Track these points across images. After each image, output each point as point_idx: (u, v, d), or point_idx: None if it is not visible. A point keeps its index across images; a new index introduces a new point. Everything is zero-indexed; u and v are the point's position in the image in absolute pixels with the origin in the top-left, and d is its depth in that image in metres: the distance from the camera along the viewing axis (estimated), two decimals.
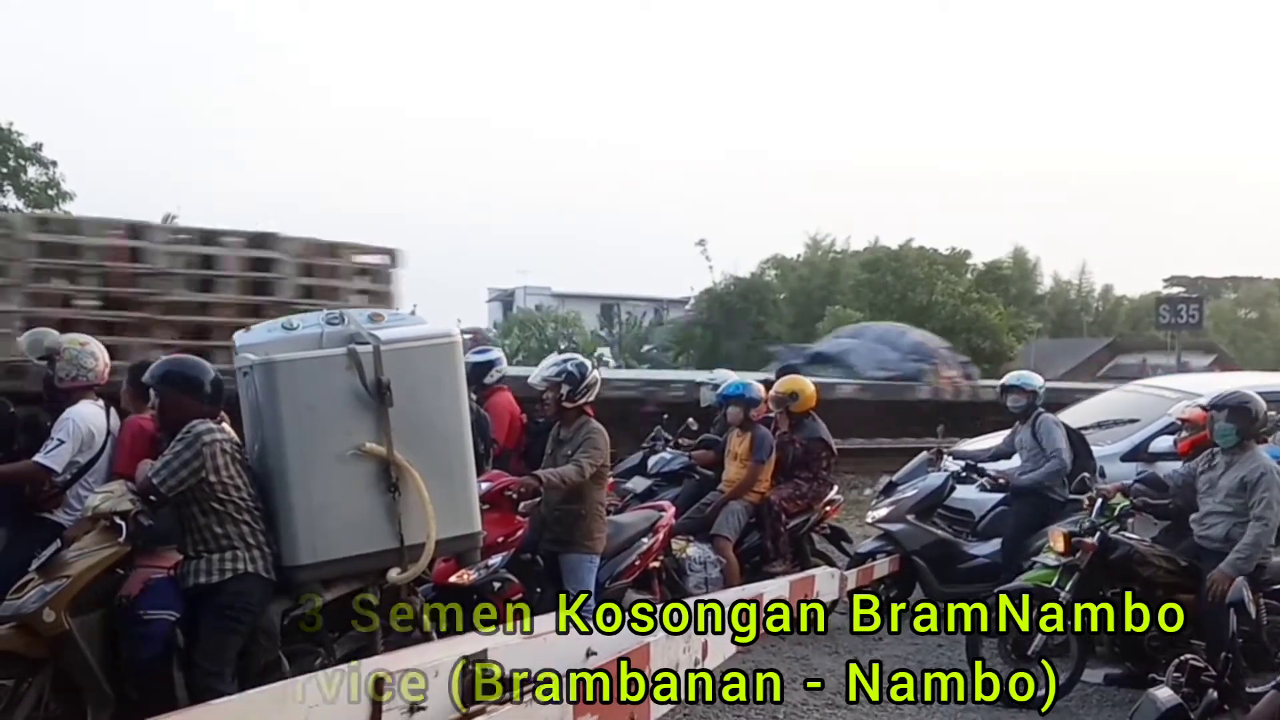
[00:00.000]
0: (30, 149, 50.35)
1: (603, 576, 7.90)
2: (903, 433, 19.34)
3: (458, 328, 6.90)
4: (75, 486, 6.68)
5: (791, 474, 9.74)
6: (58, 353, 6.98)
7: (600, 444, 7.66)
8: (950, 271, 42.57)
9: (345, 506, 6.05)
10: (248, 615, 5.80)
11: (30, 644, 5.60)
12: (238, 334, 6.62)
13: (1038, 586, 7.88)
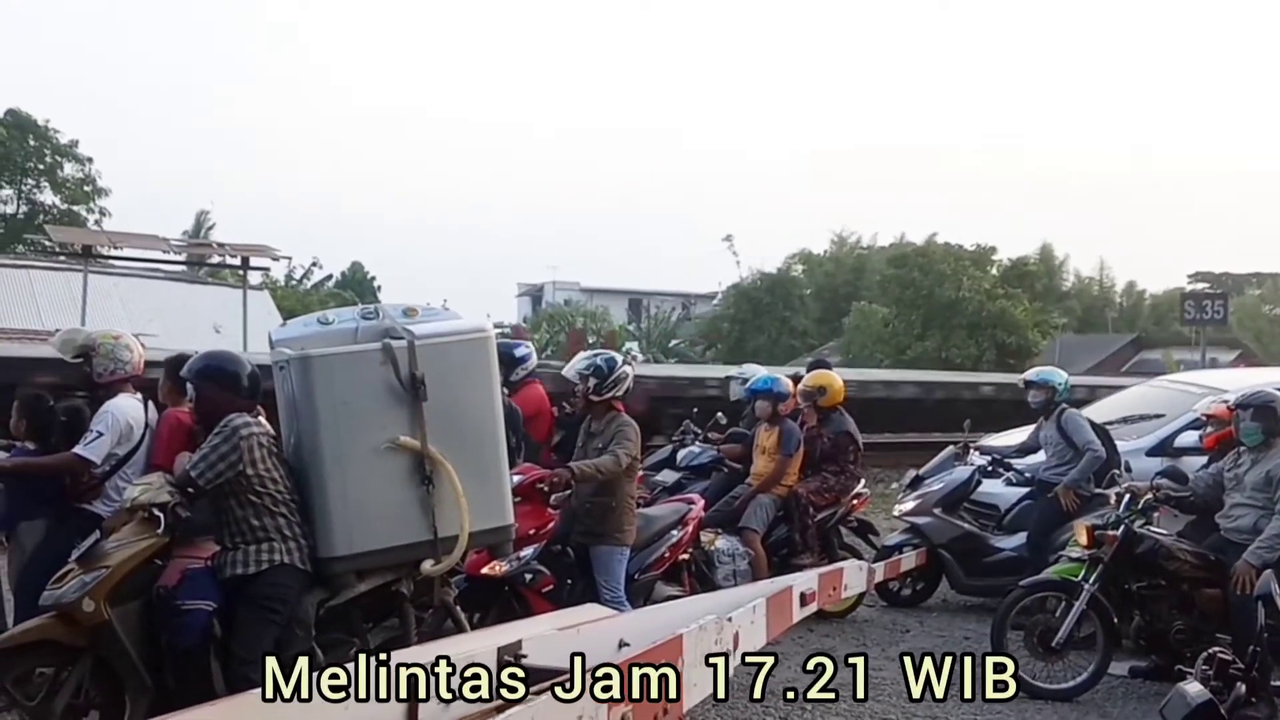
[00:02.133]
0: (66, 146, 50.72)
1: (633, 568, 7.92)
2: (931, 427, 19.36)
3: (489, 322, 6.92)
4: (114, 478, 6.74)
5: (819, 467, 9.78)
6: (93, 349, 7.04)
7: (632, 437, 7.68)
8: (975, 267, 42.38)
9: (380, 499, 6.09)
10: (284, 606, 5.86)
11: (70, 633, 5.67)
12: (273, 329, 6.69)
13: (1062, 579, 7.92)
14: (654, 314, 59.36)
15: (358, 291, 57.01)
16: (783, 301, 50.78)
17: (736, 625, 5.85)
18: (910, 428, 20.27)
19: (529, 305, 70.56)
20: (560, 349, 40.82)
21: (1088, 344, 53.34)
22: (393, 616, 6.53)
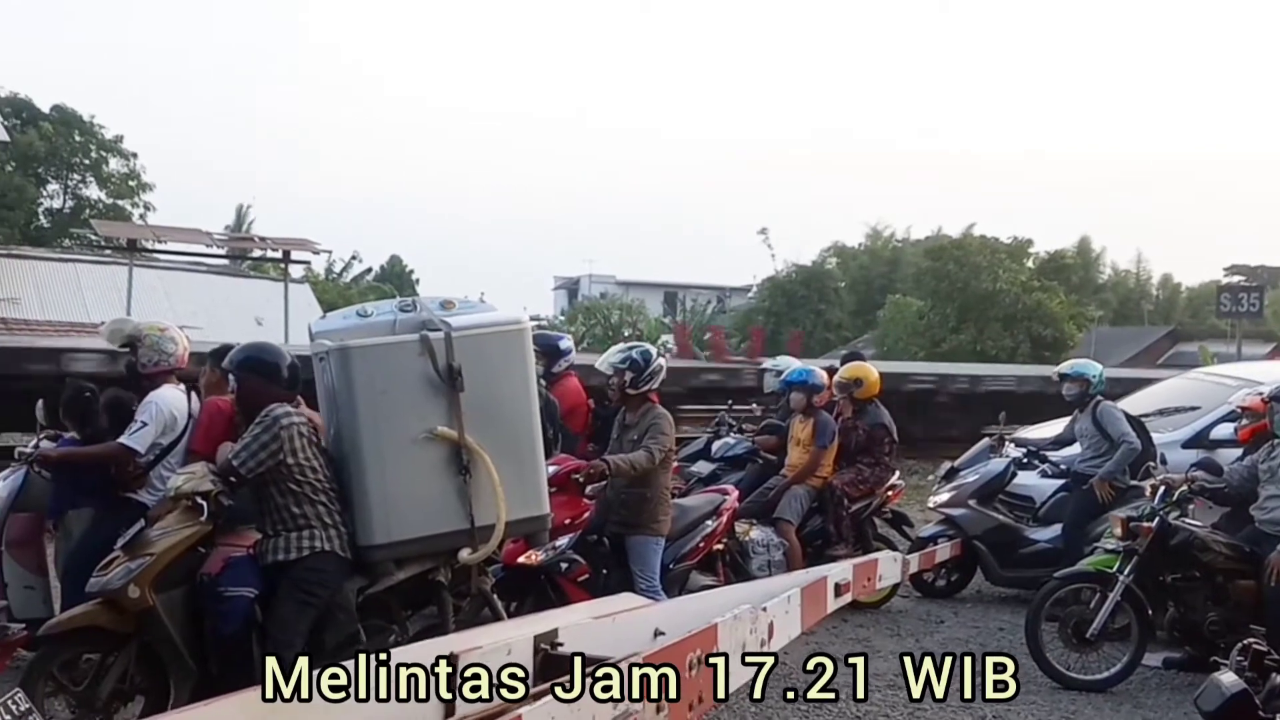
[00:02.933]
0: (111, 141, 51.11)
1: (667, 558, 7.97)
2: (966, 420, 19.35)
3: (525, 315, 6.98)
4: (158, 467, 6.83)
5: (854, 459, 9.80)
6: (139, 340, 7.13)
7: (666, 429, 7.71)
8: (1011, 260, 42.16)
9: (418, 488, 6.15)
10: (322, 590, 5.94)
11: (116, 619, 5.77)
12: (313, 321, 6.76)
13: (1097, 571, 7.93)
14: (689, 307, 59.33)
15: (397, 284, 57.20)
16: (817, 294, 50.66)
17: (771, 615, 5.88)
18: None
19: (565, 298, 70.70)
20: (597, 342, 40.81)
21: (1123, 336, 53.06)
22: (431, 604, 6.61)
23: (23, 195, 48.44)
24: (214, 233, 35.40)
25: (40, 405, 7.58)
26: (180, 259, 37.07)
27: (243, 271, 44.73)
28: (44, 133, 48.65)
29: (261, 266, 45.39)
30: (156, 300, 30.26)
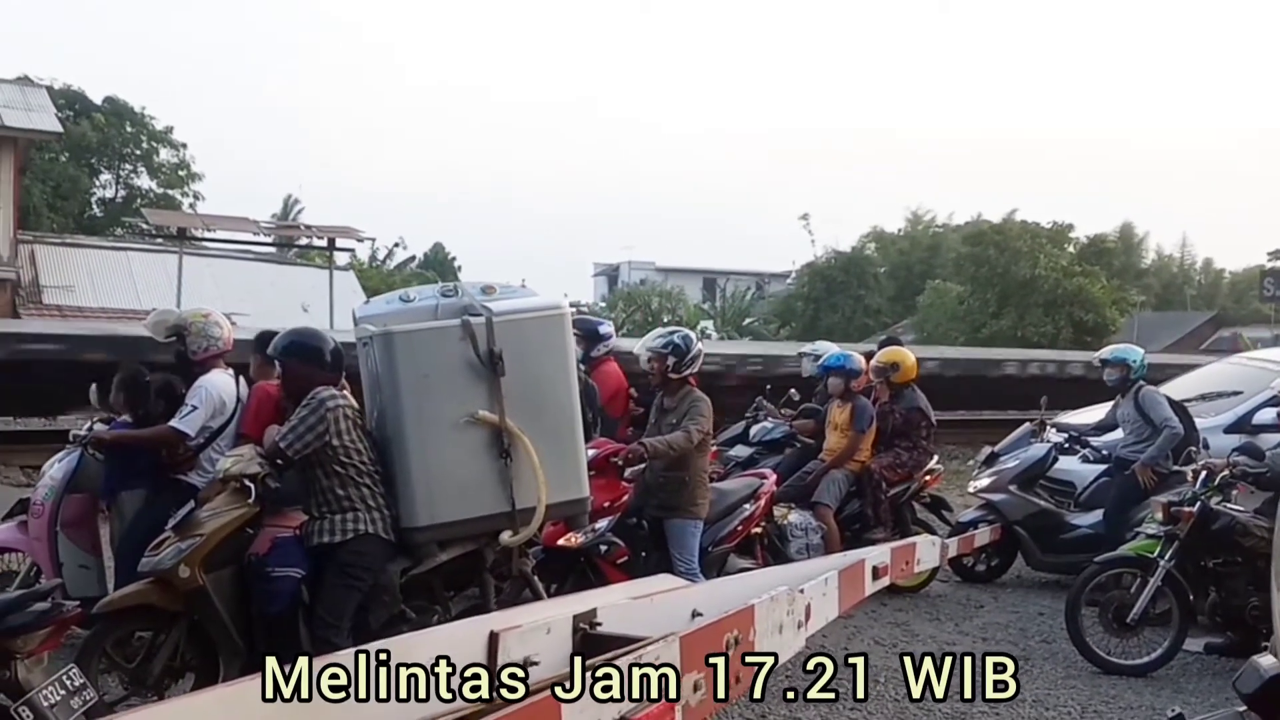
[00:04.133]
0: (162, 132, 51.62)
1: (706, 541, 8.01)
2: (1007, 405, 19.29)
3: (565, 300, 7.03)
4: (207, 450, 6.94)
5: (891, 443, 9.81)
6: (185, 328, 7.24)
7: (705, 412, 7.76)
8: (1052, 245, 41.86)
9: (460, 472, 6.23)
10: (367, 573, 6.04)
11: (167, 598, 5.92)
12: (357, 306, 6.86)
13: (1138, 555, 7.93)
14: (729, 293, 59.30)
15: (439, 271, 57.39)
16: (857, 280, 50.54)
17: (809, 597, 5.92)
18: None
19: (605, 285, 70.68)
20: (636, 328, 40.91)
21: (1166, 321, 52.67)
22: (473, 585, 6.71)
23: (76, 185, 49.01)
24: (261, 221, 35.77)
25: (94, 389, 7.71)
26: (229, 247, 37.47)
27: (289, 259, 45.06)
28: (96, 124, 49.16)
29: (307, 254, 45.70)
30: (205, 287, 30.52)
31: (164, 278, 33.07)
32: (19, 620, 4.49)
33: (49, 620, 4.61)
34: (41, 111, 34.72)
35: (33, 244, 37.20)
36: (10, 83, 37.13)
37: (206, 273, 34.66)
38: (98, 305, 34.15)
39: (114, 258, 38.55)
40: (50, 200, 46.44)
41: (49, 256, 37.29)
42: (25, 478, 13.20)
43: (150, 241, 40.19)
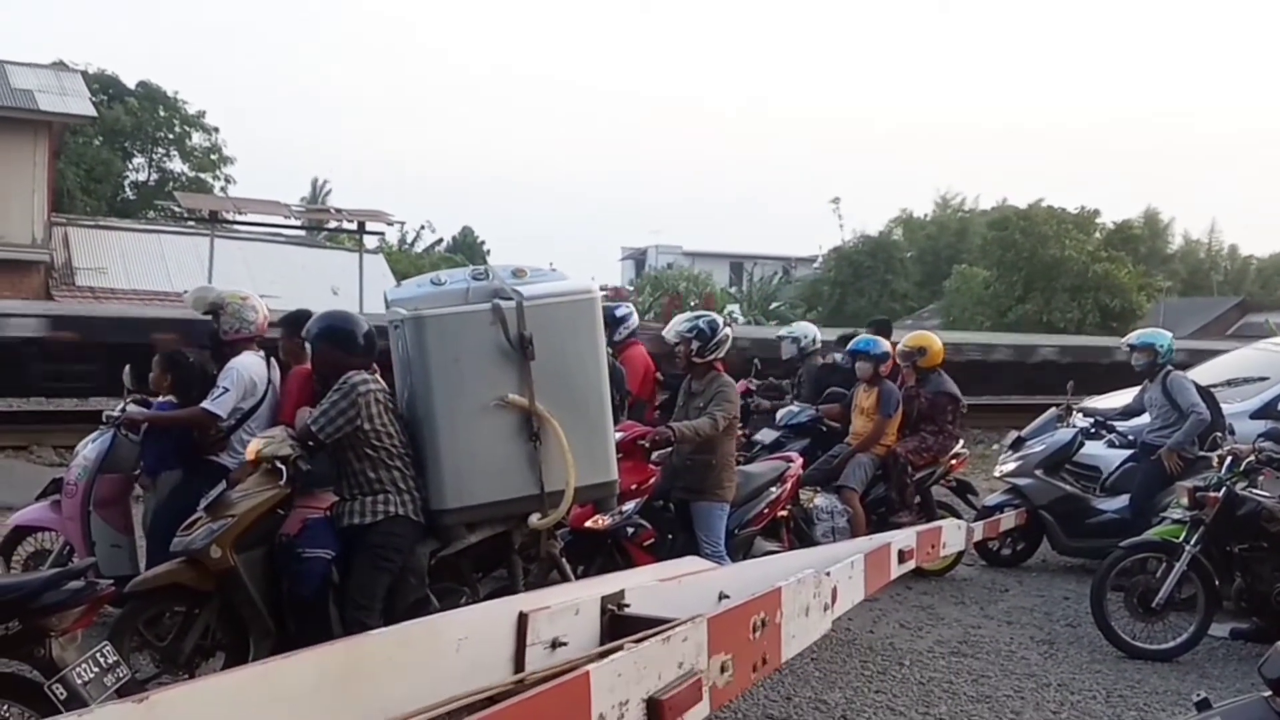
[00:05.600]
0: (194, 116, 51.93)
1: (732, 524, 8.05)
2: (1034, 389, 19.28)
3: (595, 284, 7.05)
4: (239, 431, 7.01)
5: (917, 427, 9.83)
6: (221, 308, 7.32)
7: (731, 397, 7.81)
8: (1079, 230, 41.65)
9: (489, 454, 6.25)
10: (397, 555, 6.08)
11: (199, 578, 5.97)
12: (389, 289, 6.90)
13: (1164, 540, 7.93)
14: (755, 277, 59.24)
15: (468, 255, 57.60)
16: (884, 264, 50.43)
17: (835, 580, 5.95)
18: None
19: (632, 268, 70.68)
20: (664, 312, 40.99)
21: (1192, 307, 52.33)
22: (501, 567, 6.78)
23: (110, 169, 49.39)
24: (292, 205, 35.89)
25: (127, 370, 7.79)
26: (260, 230, 37.63)
27: (319, 242, 45.26)
28: (130, 108, 49.52)
29: (337, 238, 45.91)
30: (236, 270, 30.72)
31: (195, 260, 33.30)
32: (53, 598, 4.54)
33: (82, 599, 4.65)
34: (76, 96, 34.97)
35: (66, 227, 37.53)
36: (45, 67, 37.40)
37: (238, 255, 34.86)
38: (130, 287, 34.44)
39: (146, 240, 38.84)
40: (84, 183, 46.81)
41: (82, 239, 37.60)
42: (58, 458, 13.36)
43: (182, 224, 40.50)
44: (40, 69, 36.55)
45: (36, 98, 33.35)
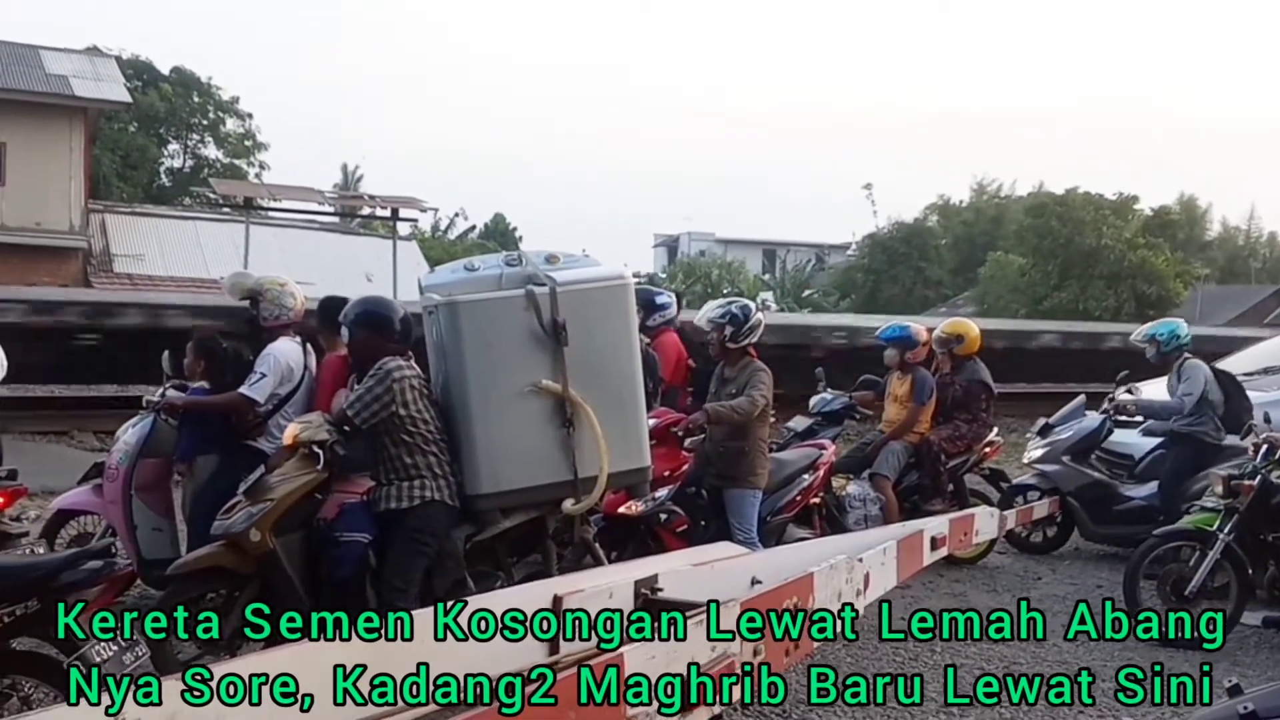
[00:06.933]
0: (228, 102, 52.15)
1: (764, 511, 8.08)
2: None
3: (628, 270, 7.07)
4: (276, 416, 7.08)
5: (951, 415, 9.81)
6: (260, 294, 7.39)
7: (766, 381, 7.81)
8: (1116, 217, 41.32)
9: (523, 440, 6.30)
10: (434, 539, 6.15)
11: (238, 561, 6.06)
12: (423, 275, 6.94)
13: (1197, 529, 7.91)
14: (789, 265, 59.07)
15: (501, 242, 57.59)
16: (918, 251, 50.18)
17: (867, 566, 5.95)
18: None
19: (665, 256, 70.50)
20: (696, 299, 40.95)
21: (1229, 295, 51.71)
22: (536, 552, 6.82)
23: (145, 155, 49.66)
24: (326, 191, 36.00)
25: (166, 356, 7.87)
26: (294, 216, 37.76)
27: (353, 229, 45.37)
28: (164, 94, 49.75)
29: (370, 224, 45.98)
30: (271, 256, 30.82)
31: (231, 247, 33.47)
32: (72, 577, 4.61)
33: (102, 577, 4.72)
34: (110, 82, 35.19)
35: (103, 213, 37.80)
36: (80, 53, 37.64)
37: (273, 242, 35.00)
38: (166, 274, 34.67)
39: (182, 227, 39.07)
40: (120, 170, 47.09)
41: (119, 226, 37.85)
42: (99, 442, 13.49)
43: (218, 211, 40.68)
44: (75, 54, 36.79)
45: (71, 83, 33.58)
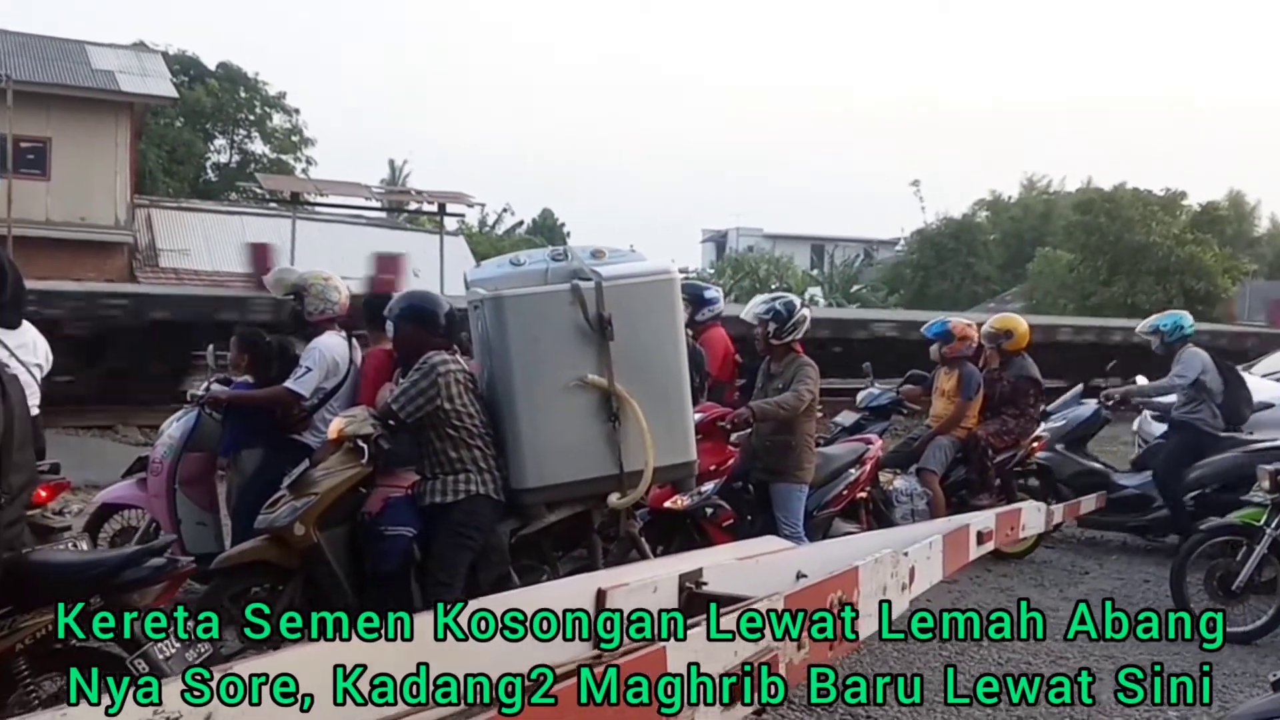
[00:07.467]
0: (275, 97, 52.46)
1: (811, 505, 8.06)
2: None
3: (674, 265, 7.06)
4: (321, 410, 7.12)
5: (999, 410, 9.76)
6: (304, 289, 7.41)
7: (812, 375, 7.78)
8: (1164, 213, 40.90)
9: (569, 434, 6.29)
10: (478, 534, 6.14)
11: (283, 555, 6.07)
12: (469, 270, 6.95)
13: (1244, 523, 7.84)
14: (837, 260, 58.86)
15: (548, 237, 57.70)
16: (967, 247, 49.86)
17: (913, 560, 5.91)
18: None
19: (713, 251, 70.39)
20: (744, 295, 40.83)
21: (1278, 291, 51.14)
22: (581, 546, 6.83)
23: (191, 150, 49.97)
24: (373, 187, 36.15)
25: (210, 350, 7.91)
26: (340, 211, 37.93)
27: (400, 224, 45.55)
28: (211, 89, 50.00)
29: (417, 219, 46.18)
30: (317, 251, 31.00)
31: (277, 242, 33.64)
32: (135, 575, 4.61)
33: (164, 575, 4.72)
34: (157, 77, 35.44)
35: (149, 208, 38.09)
36: (127, 48, 37.94)
37: (319, 237, 35.16)
38: (212, 269, 34.91)
39: (228, 222, 39.32)
40: (166, 165, 47.39)
41: (165, 220, 38.16)
42: (144, 437, 13.61)
43: (264, 206, 40.93)
44: (121, 50, 37.07)
45: (118, 79, 33.82)
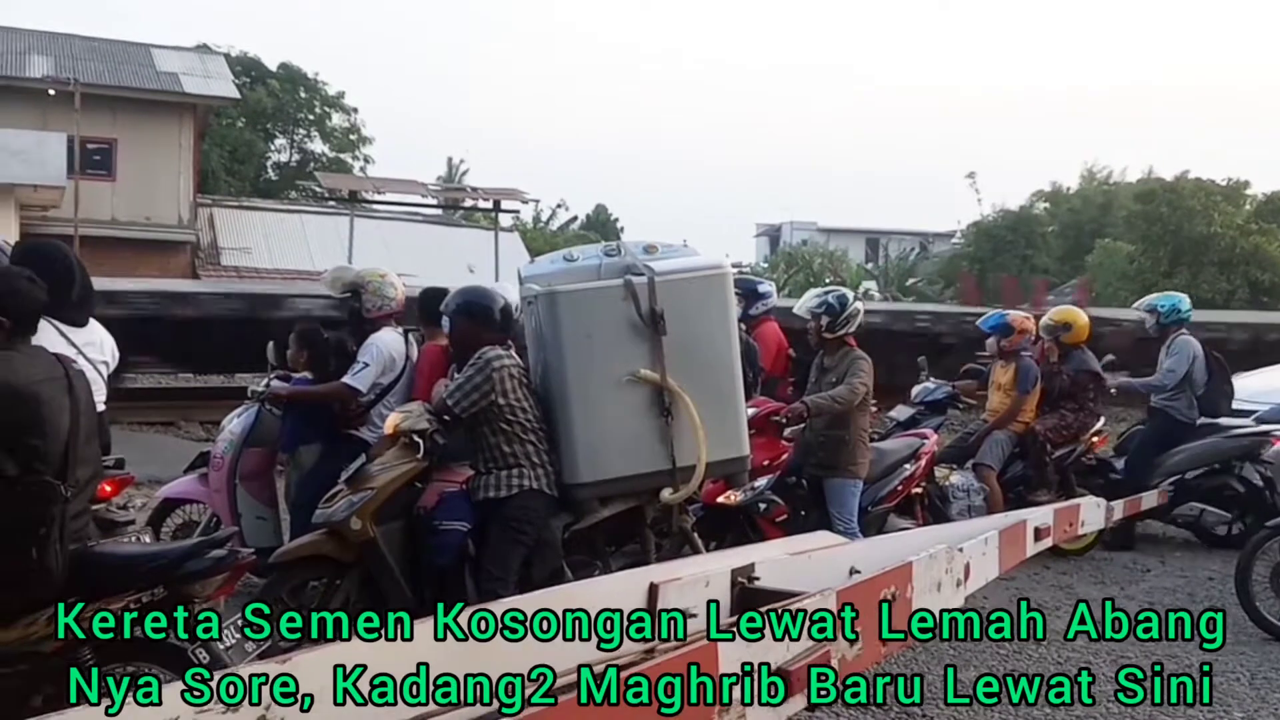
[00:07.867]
0: (334, 97, 52.99)
1: (865, 501, 8.03)
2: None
3: (727, 260, 7.04)
4: (378, 406, 7.19)
5: (1058, 404, 9.67)
6: (361, 286, 7.49)
7: (866, 369, 7.75)
8: (1227, 203, 40.31)
9: (621, 429, 6.30)
10: (531, 528, 6.16)
11: (340, 549, 6.14)
12: (522, 266, 6.98)
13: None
14: (892, 253, 58.52)
15: (602, 232, 57.83)
16: (1025, 239, 49.39)
17: (968, 556, 5.86)
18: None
19: (767, 245, 70.27)
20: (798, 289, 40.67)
21: None
22: (633, 541, 6.85)
23: (252, 150, 50.54)
24: (429, 184, 36.40)
25: (271, 346, 8.00)
26: (397, 209, 38.23)
27: (455, 221, 45.81)
28: (271, 90, 50.56)
29: (473, 216, 46.41)
30: (375, 248, 31.28)
31: (336, 239, 34.00)
32: (197, 566, 4.66)
33: (225, 566, 4.77)
34: (220, 79, 35.95)
35: (211, 207, 38.58)
36: (190, 51, 38.48)
37: (376, 234, 35.49)
38: (272, 266, 35.29)
39: (288, 220, 39.77)
40: (228, 165, 47.93)
41: (226, 219, 38.62)
42: (205, 432, 13.78)
43: (323, 204, 41.35)
44: (185, 52, 37.62)
45: (181, 80, 34.35)
